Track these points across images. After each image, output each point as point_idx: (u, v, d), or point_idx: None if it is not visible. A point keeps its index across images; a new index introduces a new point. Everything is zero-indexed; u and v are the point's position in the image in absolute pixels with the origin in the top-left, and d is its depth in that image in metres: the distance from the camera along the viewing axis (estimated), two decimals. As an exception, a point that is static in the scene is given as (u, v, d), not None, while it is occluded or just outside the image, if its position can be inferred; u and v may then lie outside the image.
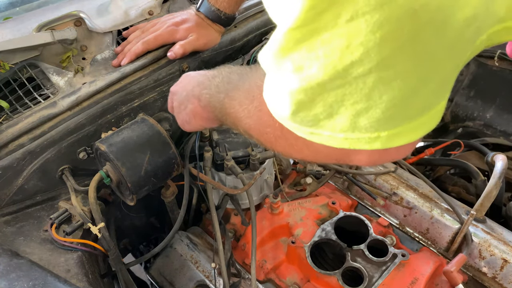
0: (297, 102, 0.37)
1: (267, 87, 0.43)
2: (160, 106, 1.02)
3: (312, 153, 0.49)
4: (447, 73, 0.33)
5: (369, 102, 0.32)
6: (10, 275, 0.69)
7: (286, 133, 0.46)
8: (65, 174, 0.91)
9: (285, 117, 0.41)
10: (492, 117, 1.52)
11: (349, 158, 0.46)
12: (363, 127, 0.35)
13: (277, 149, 0.55)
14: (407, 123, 0.35)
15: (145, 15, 1.07)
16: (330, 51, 0.30)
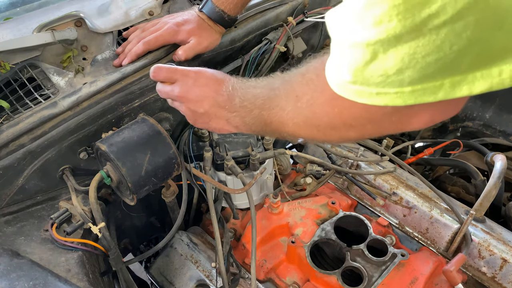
0: (372, 53, 0.38)
1: (333, 52, 0.45)
2: (161, 106, 1.03)
3: (374, 125, 0.51)
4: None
5: (439, 53, 0.34)
6: (11, 275, 0.69)
7: (346, 115, 0.49)
8: (65, 174, 0.91)
9: (353, 77, 0.42)
10: (491, 117, 1.52)
11: (410, 120, 0.48)
12: (428, 77, 0.37)
13: (331, 138, 0.58)
14: (469, 73, 0.36)
15: (146, 15, 1.07)
16: (411, 5, 0.32)
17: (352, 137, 0.56)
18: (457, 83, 0.37)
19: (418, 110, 0.47)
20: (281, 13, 1.22)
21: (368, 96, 0.43)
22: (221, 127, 0.75)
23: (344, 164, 1.21)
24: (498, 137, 1.52)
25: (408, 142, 1.46)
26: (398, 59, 0.37)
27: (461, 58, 0.35)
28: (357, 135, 0.56)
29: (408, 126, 0.50)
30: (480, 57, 0.35)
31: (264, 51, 1.14)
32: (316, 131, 0.58)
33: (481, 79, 0.37)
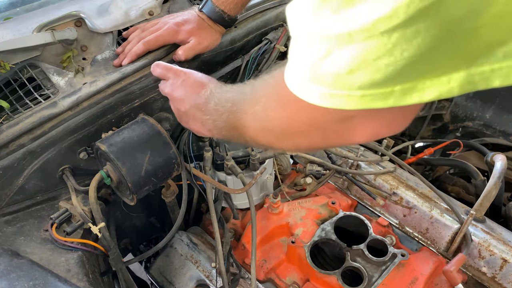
0: (328, 47, 0.38)
1: (291, 48, 0.44)
2: (160, 106, 1.03)
3: (321, 133, 0.50)
4: (464, 42, 0.34)
5: (390, 58, 0.34)
6: (11, 275, 0.69)
7: (295, 119, 0.49)
8: (65, 174, 0.91)
9: (308, 73, 0.42)
10: (491, 117, 1.52)
11: (354, 131, 0.47)
12: (379, 82, 0.37)
13: (285, 145, 0.57)
14: (419, 80, 0.36)
15: (146, 15, 1.07)
16: (364, 5, 0.32)
17: (302, 146, 0.55)
18: (408, 91, 0.37)
19: (364, 121, 0.46)
20: (281, 13, 1.22)
21: (320, 97, 0.42)
22: (197, 129, 0.77)
23: (344, 164, 1.21)
24: (498, 137, 1.52)
25: (408, 142, 1.47)
26: (350, 59, 0.36)
27: (412, 65, 0.35)
28: (306, 143, 0.55)
29: (351, 137, 0.49)
30: (430, 65, 0.35)
31: (264, 51, 1.14)
32: (271, 136, 0.57)
33: (431, 87, 0.37)
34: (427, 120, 1.69)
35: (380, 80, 0.36)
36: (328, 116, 0.46)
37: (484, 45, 0.34)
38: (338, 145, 0.52)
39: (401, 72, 0.35)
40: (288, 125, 0.53)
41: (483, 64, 0.35)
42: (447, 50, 0.34)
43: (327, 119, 0.46)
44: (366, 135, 0.48)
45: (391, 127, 0.48)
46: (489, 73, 0.35)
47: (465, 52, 0.34)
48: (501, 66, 0.34)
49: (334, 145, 0.52)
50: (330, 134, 0.50)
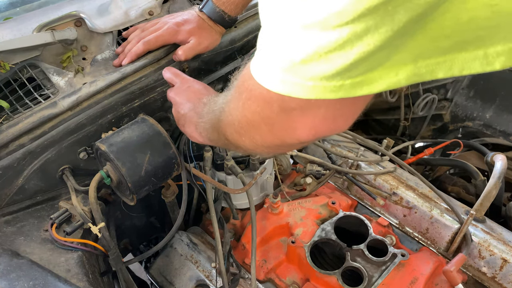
0: (286, 36, 0.39)
1: (260, 35, 0.45)
2: (160, 106, 1.03)
3: (268, 127, 0.51)
4: (412, 38, 0.35)
5: (341, 52, 0.35)
6: (11, 275, 0.69)
7: (248, 109, 0.51)
8: (65, 174, 0.91)
9: (268, 58, 0.43)
10: (491, 117, 1.52)
11: (297, 125, 0.48)
12: (330, 75, 0.38)
13: (244, 140, 0.57)
14: (369, 73, 0.38)
15: (145, 15, 1.07)
16: (321, 0, 0.34)
17: (258, 141, 0.55)
18: (357, 84, 0.38)
19: (304, 114, 0.47)
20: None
21: (273, 80, 0.43)
22: (191, 132, 0.79)
23: (344, 164, 1.21)
24: (498, 137, 1.52)
25: (408, 142, 1.47)
26: (304, 49, 0.37)
27: (362, 60, 0.36)
28: (259, 138, 0.55)
29: (294, 132, 0.49)
30: (380, 60, 0.36)
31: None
32: (233, 130, 0.58)
33: (380, 79, 0.38)
34: (427, 120, 1.69)
35: (331, 73, 0.38)
36: (274, 106, 0.47)
37: (429, 39, 0.35)
38: (287, 142, 0.53)
39: (351, 67, 0.36)
40: (242, 115, 0.54)
41: (429, 57, 0.36)
42: (396, 45, 0.35)
43: (273, 109, 0.47)
44: (308, 130, 0.49)
45: (337, 126, 0.49)
46: (434, 66, 0.37)
47: (412, 46, 0.36)
48: (445, 59, 0.36)
49: (284, 143, 0.53)
50: (276, 127, 0.51)
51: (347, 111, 0.48)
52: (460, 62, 0.36)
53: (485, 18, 0.33)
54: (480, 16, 0.32)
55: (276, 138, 0.53)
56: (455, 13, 0.33)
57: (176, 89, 0.85)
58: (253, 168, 1.02)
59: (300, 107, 0.46)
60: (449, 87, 1.61)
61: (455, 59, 0.36)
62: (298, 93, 0.41)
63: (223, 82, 1.16)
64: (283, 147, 0.57)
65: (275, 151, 0.60)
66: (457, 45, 0.35)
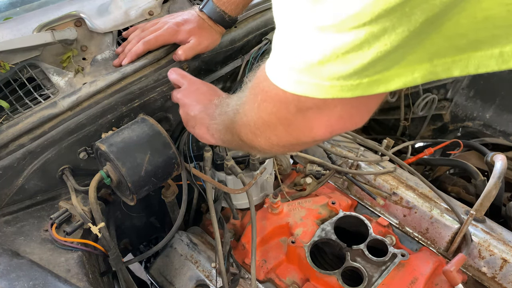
0: (304, 38, 0.39)
1: (275, 37, 0.46)
2: (160, 106, 1.03)
3: (284, 127, 0.51)
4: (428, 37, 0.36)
5: (358, 53, 0.36)
6: (11, 275, 0.69)
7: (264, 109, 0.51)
8: (65, 174, 0.91)
9: (284, 60, 0.43)
10: (491, 117, 1.52)
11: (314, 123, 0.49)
12: (347, 75, 0.38)
13: (260, 141, 0.57)
14: (385, 72, 0.38)
15: (145, 15, 1.07)
16: (335, 2, 0.34)
17: (273, 141, 0.55)
18: (374, 82, 0.39)
19: (321, 113, 0.47)
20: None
21: (290, 81, 0.43)
22: (202, 134, 0.78)
23: (344, 164, 1.21)
24: (498, 137, 1.52)
25: (408, 142, 1.47)
26: (321, 50, 0.38)
27: (379, 60, 0.36)
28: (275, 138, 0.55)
29: (311, 131, 0.50)
30: (396, 59, 0.37)
31: (264, 51, 1.14)
32: (249, 130, 0.58)
33: (396, 77, 0.39)
34: (427, 120, 1.69)
35: (349, 72, 0.38)
36: (291, 106, 0.48)
37: (445, 38, 0.36)
38: (303, 141, 0.53)
39: (369, 66, 0.37)
40: (258, 116, 0.54)
41: (445, 55, 0.37)
42: (412, 45, 0.36)
43: (290, 109, 0.48)
44: (324, 128, 0.49)
45: (354, 123, 0.50)
46: (450, 64, 0.37)
47: (428, 45, 0.36)
48: (461, 57, 0.37)
49: (299, 141, 0.53)
50: (292, 127, 0.51)
51: (363, 109, 0.48)
52: (476, 61, 0.36)
53: (500, 17, 0.33)
54: (495, 15, 0.33)
55: (292, 138, 0.53)
56: (471, 12, 0.33)
57: (184, 91, 0.84)
58: (253, 168, 1.02)
59: (317, 107, 0.46)
60: (449, 87, 1.61)
61: (470, 58, 0.36)
62: (315, 93, 0.42)
63: (223, 82, 1.16)
64: (298, 145, 0.57)
65: (290, 150, 0.60)
66: (473, 44, 0.36)
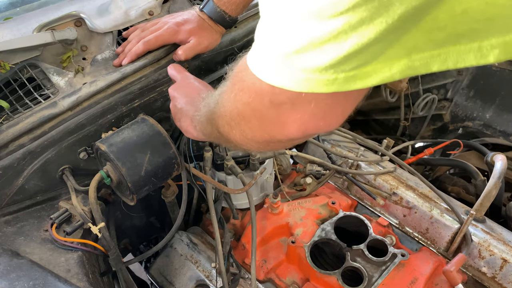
0: (283, 25, 0.39)
1: (258, 26, 0.45)
2: (160, 106, 1.03)
3: (258, 120, 0.51)
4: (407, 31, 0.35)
5: (335, 43, 0.35)
6: (11, 275, 0.69)
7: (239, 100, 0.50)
8: (65, 174, 0.91)
9: (263, 49, 0.43)
10: (491, 117, 1.52)
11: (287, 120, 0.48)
12: (323, 68, 0.38)
13: (234, 133, 0.57)
14: (363, 68, 0.38)
15: (145, 15, 1.07)
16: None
17: (248, 135, 0.55)
18: (351, 78, 0.38)
19: (295, 109, 0.46)
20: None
21: (266, 71, 0.43)
22: (186, 127, 0.78)
23: (344, 164, 1.21)
24: (498, 137, 1.52)
25: (408, 142, 1.47)
26: (298, 39, 0.37)
27: (356, 53, 0.36)
28: (249, 131, 0.55)
29: (284, 127, 0.49)
30: (374, 53, 0.36)
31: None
32: (225, 122, 0.58)
33: (374, 73, 0.38)
34: (427, 120, 1.69)
35: (325, 65, 0.37)
36: (265, 99, 0.47)
37: (424, 32, 0.35)
38: (277, 138, 0.52)
39: (345, 60, 0.36)
40: (234, 107, 0.53)
41: (424, 50, 0.36)
42: (390, 40, 0.35)
43: (264, 102, 0.47)
44: (297, 126, 0.48)
45: (326, 123, 0.49)
46: (429, 59, 0.37)
47: (406, 40, 0.36)
48: (440, 52, 0.36)
49: (273, 138, 0.52)
50: (266, 121, 0.50)
51: (338, 108, 0.47)
52: (454, 55, 0.36)
53: (479, 10, 0.32)
54: (474, 8, 0.32)
55: (265, 133, 0.52)
56: (450, 5, 0.33)
57: (176, 85, 0.85)
58: (253, 168, 1.02)
59: (291, 102, 0.46)
60: (449, 87, 1.61)
61: (449, 52, 0.36)
62: (290, 85, 0.41)
63: (223, 82, 1.16)
64: (273, 143, 0.56)
65: (265, 147, 0.59)
66: (451, 38, 0.35)
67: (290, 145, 0.62)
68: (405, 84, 1.41)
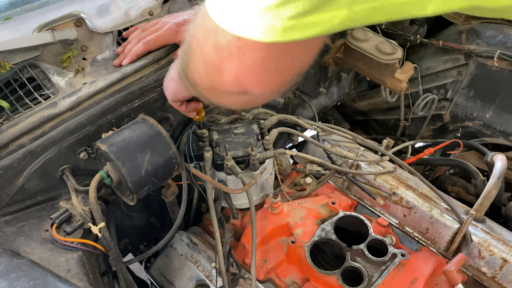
0: None
1: None
2: (160, 106, 1.03)
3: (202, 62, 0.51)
4: None
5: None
6: (11, 275, 0.69)
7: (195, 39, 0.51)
8: (65, 174, 0.91)
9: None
10: (491, 117, 1.52)
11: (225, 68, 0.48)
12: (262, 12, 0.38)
13: (191, 74, 0.57)
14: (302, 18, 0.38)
15: (146, 15, 1.07)
16: None
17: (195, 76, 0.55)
18: (290, 28, 0.38)
19: (232, 58, 0.46)
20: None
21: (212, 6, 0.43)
22: (167, 83, 0.81)
23: (344, 164, 1.21)
24: (498, 137, 1.52)
25: (408, 142, 1.47)
26: None
27: (294, 2, 0.36)
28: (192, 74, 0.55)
29: (221, 77, 0.49)
30: (314, 5, 0.36)
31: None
32: (184, 63, 0.57)
33: (314, 25, 0.38)
34: (427, 120, 1.69)
35: (263, 8, 0.37)
36: (210, 39, 0.47)
37: None
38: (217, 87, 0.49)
39: (284, 3, 0.36)
40: (191, 39, 0.53)
41: (365, 2, 0.36)
42: None
43: (208, 43, 0.47)
44: (233, 76, 0.48)
45: (260, 80, 0.48)
46: (370, 10, 0.37)
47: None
48: (381, 3, 0.36)
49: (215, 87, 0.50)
50: (208, 65, 0.50)
51: (272, 65, 0.47)
52: (394, 6, 0.36)
53: None
54: None
55: (208, 78, 0.53)
56: None
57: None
58: (253, 168, 1.02)
59: (228, 48, 0.45)
60: (449, 87, 1.61)
61: (390, 3, 0.36)
62: (228, 26, 0.41)
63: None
64: (218, 94, 0.56)
65: (214, 97, 0.58)
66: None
67: (235, 104, 0.61)
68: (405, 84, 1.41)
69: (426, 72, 1.64)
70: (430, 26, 1.74)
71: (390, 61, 1.34)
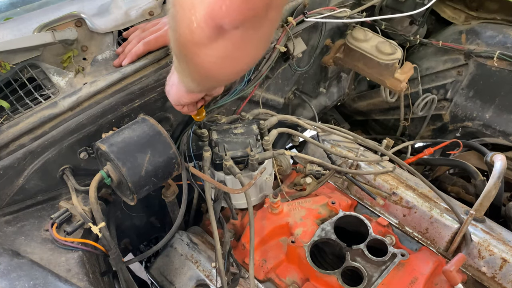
0: None
1: None
2: (161, 106, 1.03)
3: None
4: None
5: None
6: (11, 275, 0.69)
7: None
8: (65, 174, 0.91)
9: None
10: (491, 117, 1.53)
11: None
12: None
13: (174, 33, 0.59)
14: None
15: (146, 15, 1.07)
16: None
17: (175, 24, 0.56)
18: None
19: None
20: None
21: None
22: (169, 87, 0.85)
23: (344, 164, 1.21)
24: (498, 137, 1.52)
25: (408, 142, 1.47)
26: None
27: None
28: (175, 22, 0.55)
29: (194, 11, 0.51)
30: None
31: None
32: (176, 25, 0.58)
33: None
34: (427, 120, 1.69)
35: None
36: None
37: None
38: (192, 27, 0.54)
39: None
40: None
41: None
42: None
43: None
44: (206, 7, 0.50)
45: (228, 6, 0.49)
46: None
47: None
48: None
49: (193, 29, 0.54)
50: (184, 4, 0.52)
51: None
52: None
53: None
54: None
55: (184, 22, 0.54)
56: None
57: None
58: (251, 168, 1.02)
59: None
60: (449, 87, 1.61)
61: None
62: None
63: (223, 82, 1.16)
64: (194, 47, 0.57)
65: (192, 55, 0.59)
66: None
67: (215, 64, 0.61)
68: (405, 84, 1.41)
69: (426, 72, 1.64)
70: (430, 26, 1.74)
71: (390, 61, 1.35)
